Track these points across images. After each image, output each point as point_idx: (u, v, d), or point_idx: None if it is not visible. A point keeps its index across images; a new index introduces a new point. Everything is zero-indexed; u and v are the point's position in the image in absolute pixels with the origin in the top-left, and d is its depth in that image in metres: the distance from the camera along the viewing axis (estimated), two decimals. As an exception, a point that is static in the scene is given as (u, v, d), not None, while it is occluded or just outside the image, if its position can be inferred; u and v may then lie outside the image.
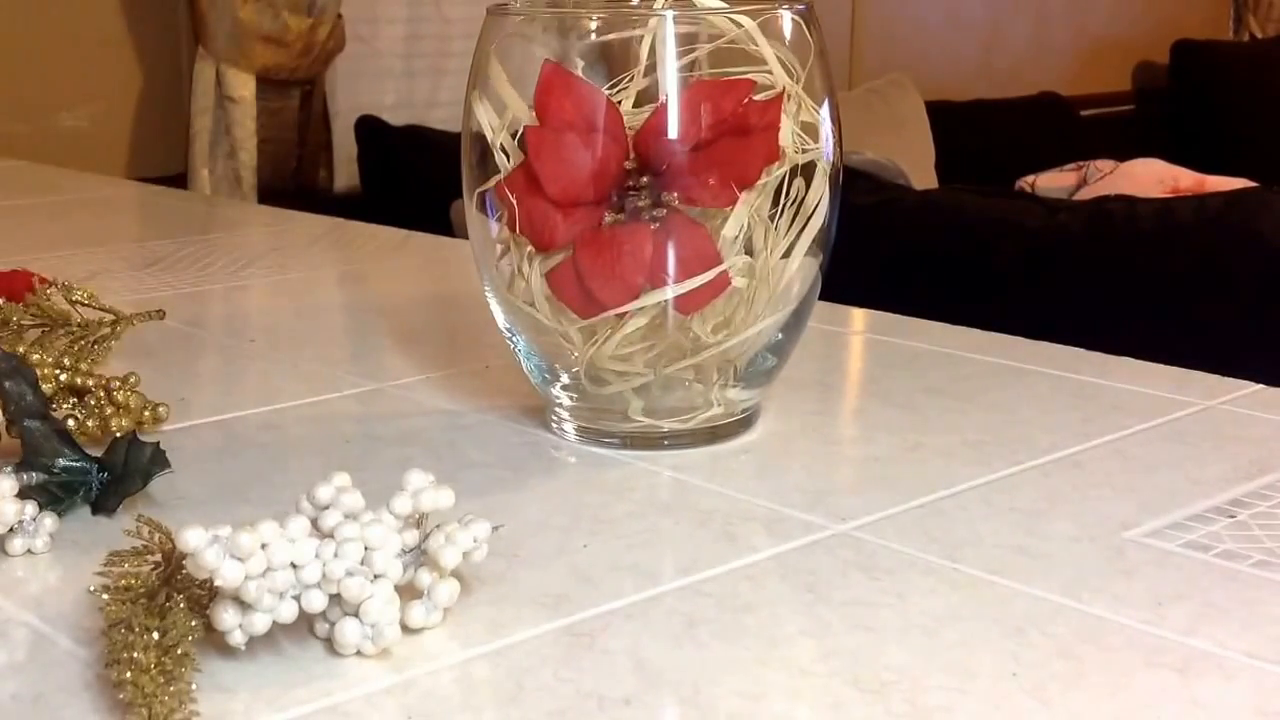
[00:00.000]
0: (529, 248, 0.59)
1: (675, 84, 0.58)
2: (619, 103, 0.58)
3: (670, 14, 0.59)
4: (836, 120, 0.62)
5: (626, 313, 0.58)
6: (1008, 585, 0.49)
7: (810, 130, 0.60)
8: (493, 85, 0.61)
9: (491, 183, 0.60)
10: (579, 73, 0.59)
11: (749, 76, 0.58)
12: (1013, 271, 1.65)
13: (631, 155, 0.57)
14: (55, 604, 0.48)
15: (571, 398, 0.63)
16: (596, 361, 0.60)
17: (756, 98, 0.58)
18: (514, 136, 0.59)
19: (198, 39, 2.28)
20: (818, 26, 0.62)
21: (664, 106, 0.57)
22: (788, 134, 0.59)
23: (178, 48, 2.36)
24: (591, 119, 0.57)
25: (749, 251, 0.60)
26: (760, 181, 0.59)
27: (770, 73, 0.59)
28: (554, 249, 0.58)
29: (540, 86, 0.57)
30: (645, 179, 0.57)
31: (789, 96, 0.59)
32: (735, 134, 0.57)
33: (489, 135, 0.60)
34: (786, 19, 0.60)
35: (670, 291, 0.58)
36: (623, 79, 0.59)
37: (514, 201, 0.58)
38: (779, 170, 0.59)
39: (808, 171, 0.60)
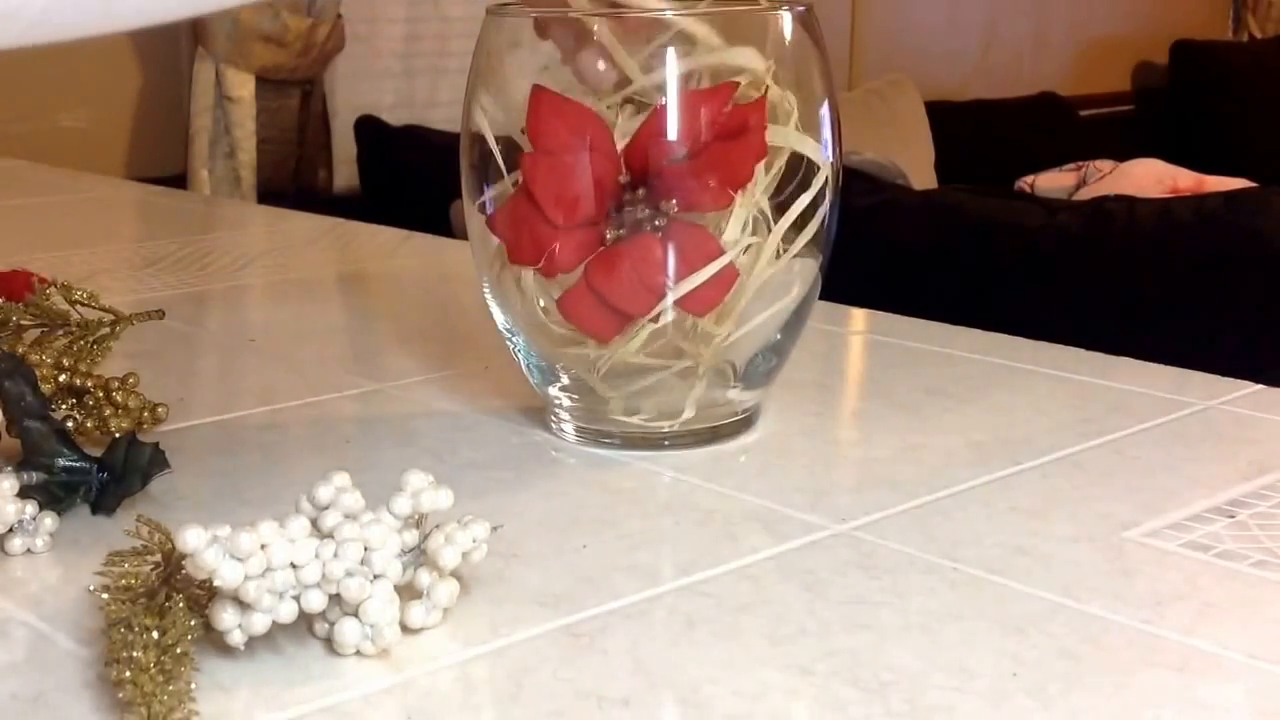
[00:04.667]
0: (534, 274, 0.59)
1: (675, 92, 0.58)
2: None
3: (668, 10, 0.58)
4: (836, 121, 0.62)
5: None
6: (1007, 585, 0.49)
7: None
8: (495, 88, 0.60)
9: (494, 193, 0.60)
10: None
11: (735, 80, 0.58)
12: (1013, 271, 1.65)
13: (624, 170, 0.58)
14: (55, 604, 0.48)
15: (571, 398, 0.63)
16: (623, 358, 0.60)
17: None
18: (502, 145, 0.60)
19: (197, 39, 2.28)
20: (817, 27, 0.61)
21: (652, 117, 0.57)
22: (789, 134, 0.59)
23: (177, 47, 2.36)
24: (584, 138, 0.57)
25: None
26: (753, 182, 0.59)
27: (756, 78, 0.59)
28: (562, 272, 0.59)
29: (531, 112, 0.57)
30: (640, 191, 0.58)
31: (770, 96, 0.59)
32: (725, 138, 0.57)
33: (490, 140, 0.60)
34: (786, 19, 0.60)
35: (687, 286, 0.58)
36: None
37: (515, 232, 0.59)
38: (775, 170, 0.59)
39: (807, 173, 0.60)
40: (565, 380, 0.63)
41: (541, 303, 0.61)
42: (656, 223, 0.58)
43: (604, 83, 0.58)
